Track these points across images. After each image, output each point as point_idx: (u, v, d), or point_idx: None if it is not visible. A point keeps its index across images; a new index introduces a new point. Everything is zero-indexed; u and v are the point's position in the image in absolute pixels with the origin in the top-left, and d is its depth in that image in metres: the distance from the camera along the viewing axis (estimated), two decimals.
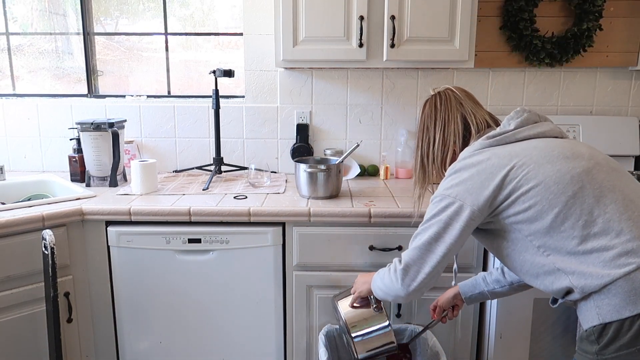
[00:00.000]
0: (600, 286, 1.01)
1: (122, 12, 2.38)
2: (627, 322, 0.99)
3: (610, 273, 1.00)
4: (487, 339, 1.74)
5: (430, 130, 1.32)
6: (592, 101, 2.29)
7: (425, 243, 1.17)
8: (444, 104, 1.31)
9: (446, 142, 1.30)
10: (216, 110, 2.16)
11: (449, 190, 1.16)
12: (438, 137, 1.30)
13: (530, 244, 1.10)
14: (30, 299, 1.65)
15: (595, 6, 2.12)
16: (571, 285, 1.05)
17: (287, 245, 1.75)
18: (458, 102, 1.31)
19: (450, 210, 1.15)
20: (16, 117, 2.33)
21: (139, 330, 1.81)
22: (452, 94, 1.32)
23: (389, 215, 1.68)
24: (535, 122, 1.23)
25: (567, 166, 1.09)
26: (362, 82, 2.28)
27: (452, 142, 1.29)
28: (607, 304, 1.01)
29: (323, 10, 1.87)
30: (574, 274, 1.04)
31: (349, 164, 2.29)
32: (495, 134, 1.20)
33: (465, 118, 1.29)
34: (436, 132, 1.31)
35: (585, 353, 1.06)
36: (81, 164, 2.09)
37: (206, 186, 1.99)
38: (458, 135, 1.29)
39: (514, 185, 1.10)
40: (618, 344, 1.00)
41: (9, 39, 2.38)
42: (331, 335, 1.72)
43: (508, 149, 1.16)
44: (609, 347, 1.01)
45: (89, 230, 1.74)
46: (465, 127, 1.29)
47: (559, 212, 1.05)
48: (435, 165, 1.32)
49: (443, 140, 1.30)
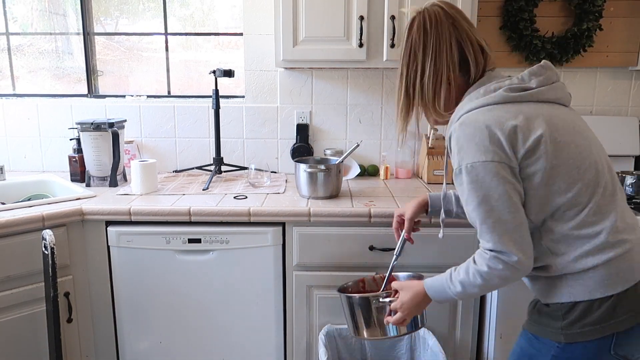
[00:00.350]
0: (579, 270, 1.03)
1: (122, 12, 2.38)
2: (596, 302, 1.02)
3: (594, 260, 1.02)
4: (487, 339, 1.74)
5: (419, 58, 1.14)
6: (592, 101, 2.29)
7: (488, 217, 1.04)
8: (434, 27, 1.12)
9: (439, 72, 1.13)
10: (216, 110, 2.16)
11: (489, 154, 1.03)
12: (428, 68, 1.13)
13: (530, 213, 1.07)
14: (30, 299, 1.65)
15: (595, 6, 2.12)
16: (553, 264, 1.06)
17: (287, 245, 1.75)
18: (451, 23, 1.12)
19: (501, 173, 1.02)
20: (16, 117, 2.33)
21: (139, 330, 1.81)
22: (443, 13, 1.13)
23: (389, 215, 1.68)
24: (554, 81, 1.12)
25: (587, 150, 1.07)
26: (362, 82, 2.28)
27: (445, 73, 1.12)
28: (581, 284, 1.03)
29: (323, 10, 1.87)
30: (562, 256, 1.05)
31: (349, 164, 2.29)
32: (518, 87, 1.08)
33: (461, 44, 1.13)
34: (426, 62, 1.13)
35: (547, 327, 1.08)
36: (81, 164, 2.09)
37: (206, 186, 1.99)
38: (454, 65, 1.12)
39: (538, 154, 1.03)
40: (584, 321, 1.03)
41: (9, 39, 2.38)
42: (331, 335, 1.72)
43: (533, 110, 1.06)
44: (576, 324, 1.04)
45: (89, 230, 1.74)
46: (461, 54, 1.13)
47: (572, 197, 1.04)
48: (425, 99, 1.16)
49: (435, 71, 1.13)
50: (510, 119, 1.03)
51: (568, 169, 1.04)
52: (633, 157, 2.22)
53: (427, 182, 2.13)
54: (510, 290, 1.64)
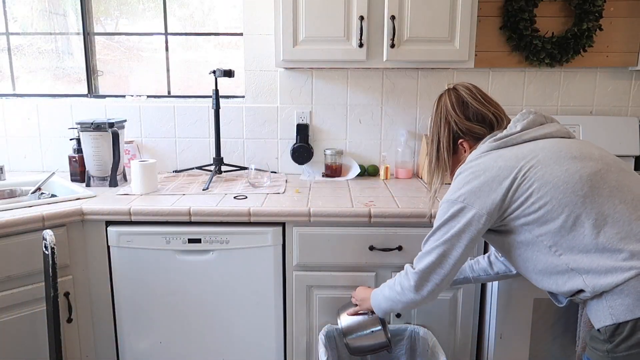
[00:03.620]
0: (612, 285, 1.02)
1: (122, 12, 2.38)
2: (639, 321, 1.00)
3: (622, 273, 1.01)
4: (487, 339, 1.74)
5: (434, 131, 1.36)
6: (592, 101, 2.29)
7: (437, 248, 1.19)
8: (436, 115, 1.35)
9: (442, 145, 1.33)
10: (216, 110, 2.16)
11: (458, 194, 1.17)
12: (437, 138, 1.35)
13: (542, 244, 1.10)
14: (30, 299, 1.65)
15: (595, 6, 2.12)
16: (584, 286, 1.06)
17: (287, 245, 1.75)
18: (449, 113, 1.31)
19: (461, 215, 1.16)
20: (16, 117, 2.33)
21: (139, 330, 1.81)
22: (450, 104, 1.32)
23: (389, 215, 1.68)
24: (542, 123, 1.24)
25: (575, 166, 1.09)
26: (362, 82, 2.28)
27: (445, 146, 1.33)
28: (620, 303, 1.02)
29: (323, 10, 1.87)
30: (588, 274, 1.05)
31: (349, 163, 2.29)
32: (502, 135, 1.21)
33: (456, 126, 1.31)
34: (434, 134, 1.36)
35: (596, 351, 1.08)
36: (81, 164, 2.09)
37: (206, 186, 1.99)
38: (449, 146, 1.32)
39: (522, 187, 1.10)
40: (630, 342, 1.01)
41: (9, 39, 2.38)
42: (331, 335, 1.72)
43: (514, 151, 1.16)
44: (621, 346, 1.02)
45: (89, 230, 1.74)
46: (455, 135, 1.31)
47: (570, 212, 1.06)
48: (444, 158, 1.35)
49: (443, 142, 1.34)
50: (491, 166, 1.15)
51: (555, 186, 1.07)
52: (633, 157, 2.22)
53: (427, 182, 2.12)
54: (511, 291, 1.64)
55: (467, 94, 1.32)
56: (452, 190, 1.21)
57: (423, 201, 1.80)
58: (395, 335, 1.73)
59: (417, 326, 1.72)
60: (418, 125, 2.31)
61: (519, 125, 1.22)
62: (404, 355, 1.75)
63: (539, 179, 1.09)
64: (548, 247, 1.09)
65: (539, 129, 1.22)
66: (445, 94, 1.35)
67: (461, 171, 1.21)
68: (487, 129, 1.28)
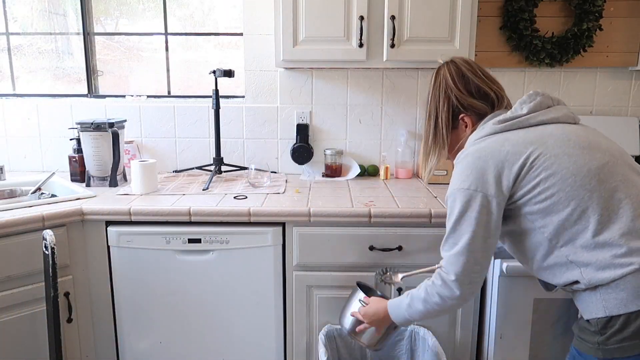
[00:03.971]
0: (608, 280, 1.02)
1: (122, 12, 2.38)
2: (632, 315, 1.00)
3: (621, 268, 1.01)
4: (487, 339, 1.74)
5: (431, 106, 1.31)
6: (592, 101, 2.29)
7: (464, 245, 1.14)
8: (435, 88, 1.29)
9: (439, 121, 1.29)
10: (216, 110, 2.16)
11: (469, 182, 1.12)
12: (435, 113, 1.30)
13: (542, 235, 1.10)
14: (30, 299, 1.65)
15: (595, 6, 2.12)
16: (580, 278, 1.06)
17: (287, 245, 1.75)
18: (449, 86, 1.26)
19: (475, 203, 1.12)
20: (16, 117, 2.33)
21: (139, 330, 1.81)
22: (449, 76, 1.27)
23: (389, 215, 1.68)
24: (549, 106, 1.20)
25: (584, 158, 1.08)
26: (362, 82, 2.28)
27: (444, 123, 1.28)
28: (614, 297, 1.02)
29: (323, 10, 1.87)
30: (587, 267, 1.05)
31: (349, 163, 2.29)
32: (507, 117, 1.17)
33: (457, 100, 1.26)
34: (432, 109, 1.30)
35: (586, 342, 1.07)
36: (81, 164, 2.09)
37: (206, 186, 1.99)
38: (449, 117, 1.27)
39: (530, 175, 1.08)
40: (621, 335, 1.01)
41: (9, 39, 2.38)
42: (331, 335, 1.72)
43: (521, 135, 1.13)
44: (612, 339, 1.02)
45: (89, 230, 1.74)
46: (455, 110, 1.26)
47: (577, 205, 1.05)
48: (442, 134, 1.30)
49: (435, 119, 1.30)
50: (497, 150, 1.12)
51: (563, 178, 1.06)
52: (633, 158, 2.21)
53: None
54: (511, 291, 1.64)
55: (467, 69, 1.27)
56: (459, 179, 1.14)
57: (423, 201, 1.80)
58: (395, 335, 1.73)
59: (417, 326, 1.72)
60: (418, 125, 2.31)
61: (525, 108, 1.17)
62: (404, 355, 1.75)
63: (547, 168, 1.07)
64: (548, 239, 1.09)
65: (546, 112, 1.17)
66: (445, 67, 1.29)
67: (465, 155, 1.16)
68: (489, 107, 1.24)
